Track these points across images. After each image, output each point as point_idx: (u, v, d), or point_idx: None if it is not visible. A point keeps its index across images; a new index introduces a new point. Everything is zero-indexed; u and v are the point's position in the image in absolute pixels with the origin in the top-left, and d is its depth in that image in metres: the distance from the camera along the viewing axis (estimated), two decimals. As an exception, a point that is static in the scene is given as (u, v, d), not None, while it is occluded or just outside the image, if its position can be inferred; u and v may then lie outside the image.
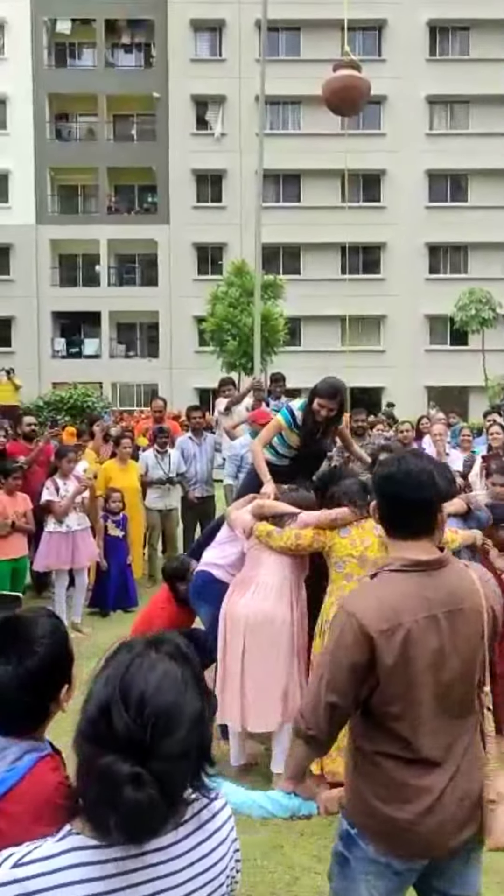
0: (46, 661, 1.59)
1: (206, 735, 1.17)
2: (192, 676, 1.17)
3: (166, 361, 32.76)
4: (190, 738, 1.11)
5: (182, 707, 1.12)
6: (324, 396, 4.71)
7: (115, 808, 1.05)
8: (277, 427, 4.84)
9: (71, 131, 34.92)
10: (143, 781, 1.06)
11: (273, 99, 28.18)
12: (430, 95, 32.24)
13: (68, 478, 7.06)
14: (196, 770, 1.16)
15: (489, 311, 25.76)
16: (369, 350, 31.71)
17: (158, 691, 1.11)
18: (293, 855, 3.64)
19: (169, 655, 1.17)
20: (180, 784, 1.12)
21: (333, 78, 5.92)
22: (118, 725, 1.08)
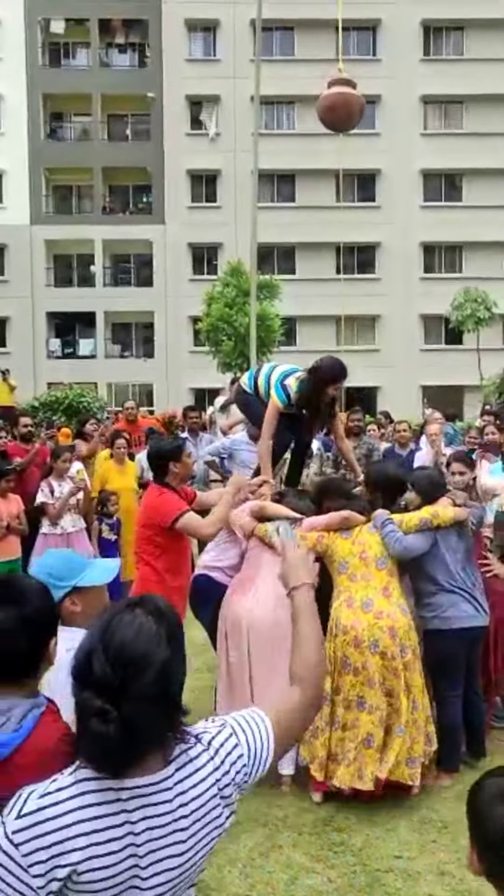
0: (39, 611, 1.78)
1: (175, 684, 1.36)
2: (167, 633, 1.35)
3: (162, 361, 32.74)
4: (159, 684, 1.30)
5: (153, 657, 1.31)
6: (334, 381, 4.72)
7: (84, 737, 1.29)
8: (277, 410, 4.79)
9: (65, 131, 34.87)
10: (108, 717, 1.26)
11: (268, 99, 28.19)
12: (425, 95, 32.28)
13: (63, 479, 7.05)
14: (169, 717, 1.34)
15: (484, 310, 25.79)
16: (365, 349, 31.73)
17: (133, 641, 1.31)
18: (292, 854, 3.65)
19: (148, 613, 1.36)
20: (148, 725, 1.29)
21: (326, 95, 5.92)
22: (96, 668, 1.29)
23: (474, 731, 4.46)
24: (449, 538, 4.31)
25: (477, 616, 4.27)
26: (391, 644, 3.96)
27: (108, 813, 1.29)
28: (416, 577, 4.37)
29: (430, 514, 4.26)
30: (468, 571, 4.34)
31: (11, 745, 1.64)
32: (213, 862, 3.58)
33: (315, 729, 4.00)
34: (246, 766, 1.44)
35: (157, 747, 1.35)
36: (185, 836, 1.34)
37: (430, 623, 4.28)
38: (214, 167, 32.33)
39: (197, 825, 1.36)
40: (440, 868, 3.51)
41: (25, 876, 1.26)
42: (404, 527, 4.21)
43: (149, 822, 1.31)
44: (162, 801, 1.32)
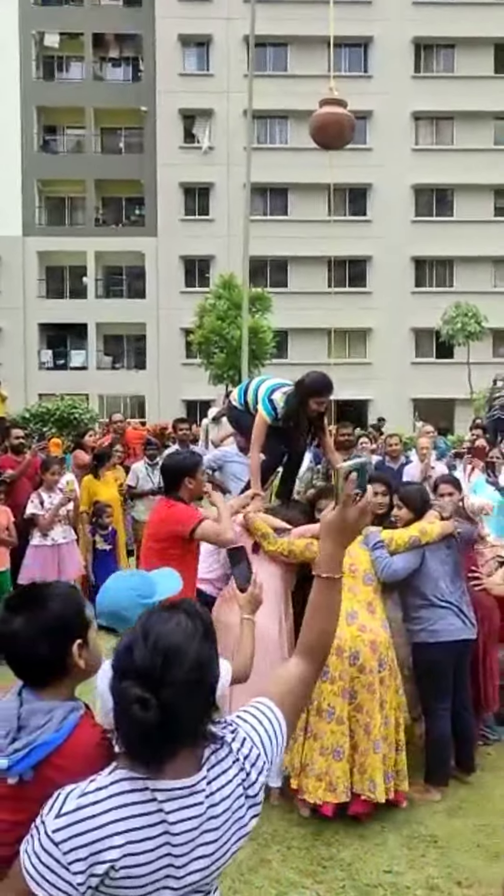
0: (59, 614, 1.79)
1: (210, 675, 1.42)
2: (202, 629, 1.43)
3: (153, 373, 32.76)
4: (194, 673, 1.37)
5: (189, 647, 1.38)
6: (322, 393, 4.72)
7: (126, 726, 1.34)
8: (264, 424, 4.81)
9: (59, 144, 34.99)
10: (148, 704, 1.31)
11: (260, 113, 28.42)
12: (416, 111, 32.58)
13: (53, 490, 7.04)
14: (205, 709, 1.41)
15: (475, 324, 25.94)
16: (356, 362, 31.86)
17: (171, 634, 1.39)
18: (280, 869, 3.63)
19: (184, 611, 1.45)
20: (186, 713, 1.35)
21: (317, 115, 5.97)
22: (136, 657, 1.36)
23: (463, 746, 4.45)
24: (437, 552, 4.32)
25: (465, 629, 4.28)
26: (371, 658, 3.96)
27: (144, 812, 1.35)
28: (404, 590, 4.38)
29: (419, 531, 4.28)
30: (456, 585, 4.35)
31: (53, 744, 1.68)
32: (201, 877, 3.55)
33: (296, 738, 3.99)
34: (265, 762, 1.50)
35: (191, 744, 1.40)
36: (215, 836, 1.40)
37: (418, 636, 4.28)
38: (207, 180, 32.49)
39: (225, 825, 1.42)
40: (429, 883, 3.50)
41: (66, 873, 1.31)
42: (393, 546, 4.22)
43: (185, 825, 1.36)
44: (195, 804, 1.37)
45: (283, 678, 1.63)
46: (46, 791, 1.43)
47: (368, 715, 3.93)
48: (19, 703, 1.73)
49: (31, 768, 1.64)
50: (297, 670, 1.63)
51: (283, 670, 1.66)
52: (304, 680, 1.62)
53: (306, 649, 1.64)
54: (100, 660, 1.87)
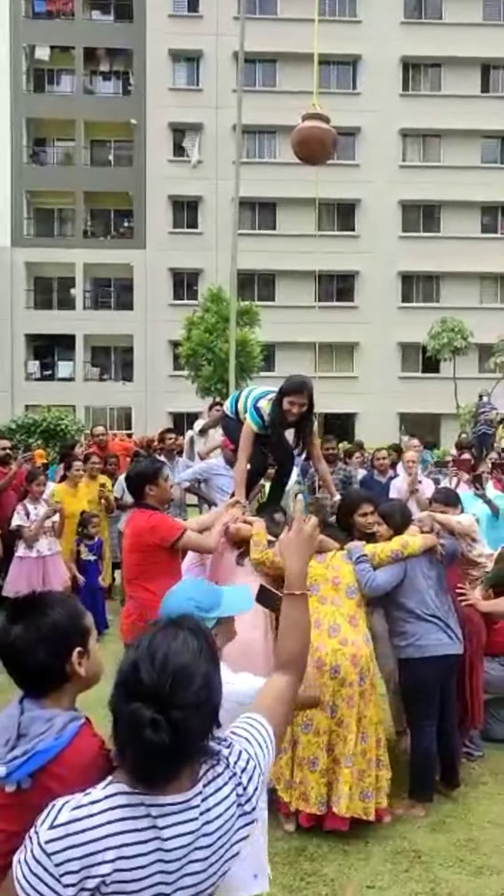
0: (57, 624, 1.78)
1: (216, 695, 1.42)
2: (206, 648, 1.44)
3: (141, 385, 32.74)
4: (202, 693, 1.37)
5: (196, 667, 1.38)
6: (292, 393, 4.71)
7: (136, 747, 1.32)
8: (251, 433, 4.82)
9: (48, 155, 35.08)
10: (160, 726, 1.31)
11: (249, 128, 28.64)
12: (404, 128, 32.93)
13: (38, 502, 7.01)
14: (208, 732, 1.41)
15: (461, 339, 26.13)
16: (343, 376, 31.99)
17: (178, 653, 1.38)
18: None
19: (188, 629, 1.45)
20: (194, 733, 1.36)
21: (300, 129, 6.00)
22: (144, 678, 1.35)
23: (448, 761, 4.45)
24: (420, 566, 4.33)
25: (451, 644, 4.27)
26: (351, 672, 3.96)
27: (137, 828, 1.34)
28: (390, 605, 4.38)
29: (400, 545, 4.29)
30: (441, 599, 4.35)
31: (52, 752, 1.67)
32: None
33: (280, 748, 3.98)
34: (260, 773, 1.52)
35: (194, 761, 1.42)
36: (208, 853, 1.40)
37: (405, 651, 4.27)
38: (196, 194, 32.65)
39: (219, 841, 1.42)
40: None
41: (57, 885, 1.31)
42: (376, 560, 4.23)
43: (179, 840, 1.36)
44: (190, 819, 1.37)
45: (268, 692, 1.67)
46: (44, 800, 1.43)
47: (347, 729, 3.93)
48: (20, 711, 1.72)
49: (29, 776, 1.62)
50: (279, 684, 1.68)
51: (267, 685, 1.70)
52: (286, 692, 1.66)
53: (285, 663, 1.70)
54: (101, 668, 1.86)
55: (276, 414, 4.74)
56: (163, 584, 4.18)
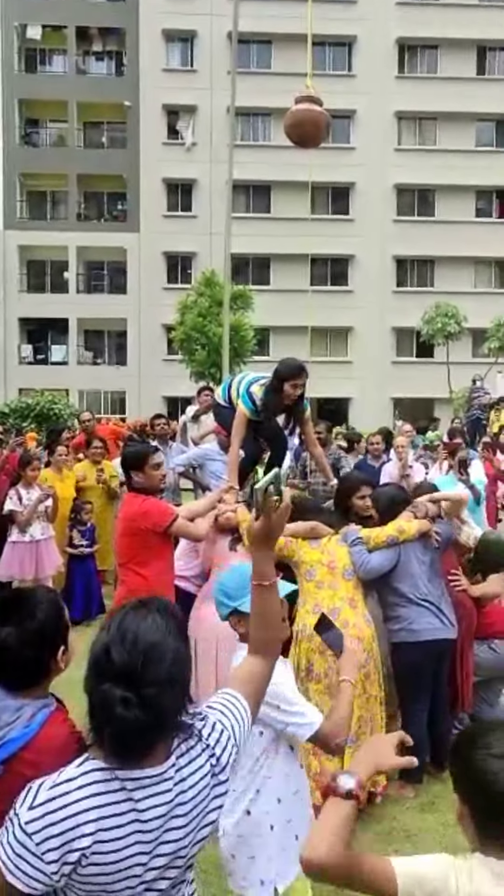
0: (44, 624, 1.86)
1: (186, 671, 1.49)
2: (175, 626, 1.49)
3: (134, 369, 32.65)
4: (173, 669, 1.43)
5: (166, 645, 1.44)
6: (293, 377, 4.73)
7: (110, 725, 1.38)
8: (244, 418, 4.83)
9: (41, 137, 34.76)
10: (130, 703, 1.37)
11: (244, 110, 28.41)
12: (399, 111, 32.71)
13: (32, 487, 7.00)
14: (180, 707, 1.47)
15: (455, 324, 26.11)
16: (337, 361, 31.96)
17: (147, 632, 1.43)
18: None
19: (156, 609, 1.50)
20: (168, 709, 1.42)
21: (293, 112, 5.95)
22: (116, 658, 1.40)
23: (438, 744, 4.50)
24: (414, 550, 4.35)
25: (444, 629, 4.31)
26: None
27: (113, 801, 1.40)
28: (383, 589, 4.41)
29: (396, 530, 4.31)
30: (434, 584, 4.38)
31: (21, 740, 1.73)
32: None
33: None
34: (235, 746, 1.58)
35: (168, 736, 1.47)
36: (184, 821, 1.45)
37: (398, 635, 4.31)
38: (190, 177, 32.43)
39: (194, 811, 1.47)
40: None
41: (40, 863, 1.36)
42: (371, 544, 4.25)
43: (154, 811, 1.41)
44: (164, 791, 1.43)
45: (241, 674, 1.75)
46: (18, 786, 1.46)
47: (353, 709, 3.96)
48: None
49: (1, 763, 1.68)
50: (251, 667, 1.74)
51: (240, 668, 1.78)
52: (260, 675, 1.73)
53: (258, 647, 1.76)
54: (73, 654, 1.95)
55: (272, 399, 4.75)
56: (155, 569, 4.23)
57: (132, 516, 4.22)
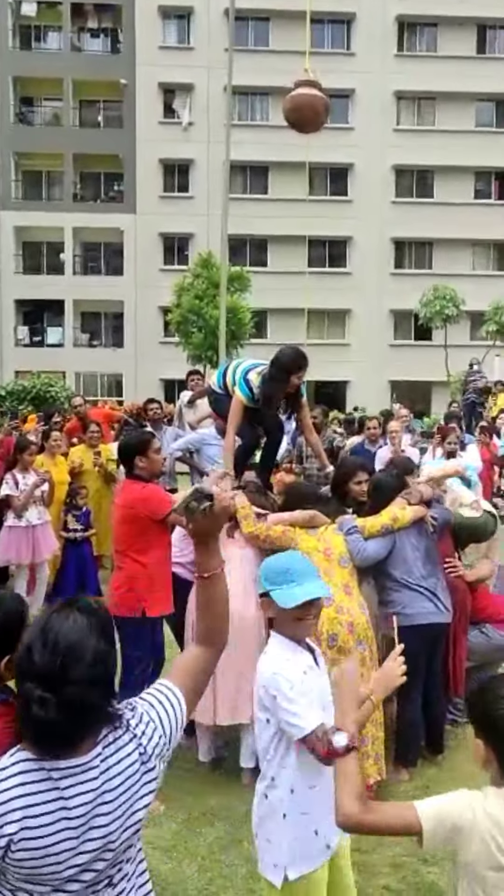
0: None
1: (110, 670, 1.53)
2: (98, 626, 1.52)
3: (131, 351, 32.54)
4: (95, 669, 1.46)
5: (87, 645, 1.47)
6: (297, 369, 4.73)
7: (28, 723, 1.44)
8: (241, 405, 4.81)
9: (36, 115, 34.38)
10: (48, 703, 1.41)
11: (241, 89, 28.12)
12: (398, 91, 32.38)
13: (28, 472, 6.99)
14: (105, 700, 1.51)
15: (453, 307, 26.03)
16: (334, 343, 31.87)
17: (68, 633, 1.47)
18: (252, 849, 3.65)
19: (80, 610, 1.53)
20: (89, 706, 1.46)
21: (292, 96, 5.89)
22: (36, 659, 1.44)
23: (433, 728, 4.53)
24: (409, 536, 4.36)
25: (438, 613, 4.33)
26: (349, 639, 4.02)
27: (39, 790, 1.45)
28: (378, 575, 4.43)
29: (391, 518, 4.33)
30: (429, 569, 4.40)
31: None
32: (172, 856, 3.61)
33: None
34: (163, 737, 1.62)
35: (94, 729, 1.52)
36: (111, 808, 1.50)
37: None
38: (187, 157, 32.13)
39: (122, 798, 1.53)
40: (396, 861, 3.58)
41: None
42: (366, 532, 4.27)
43: (81, 798, 1.47)
44: (90, 780, 1.48)
45: (182, 664, 1.79)
46: None
47: None
48: None
49: None
50: (195, 656, 1.79)
51: (182, 658, 1.83)
52: (202, 664, 1.79)
53: (203, 638, 1.80)
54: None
55: (275, 390, 4.73)
56: (153, 556, 4.23)
57: (131, 503, 4.22)
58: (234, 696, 4.19)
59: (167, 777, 4.43)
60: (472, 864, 1.71)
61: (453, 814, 1.71)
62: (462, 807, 1.72)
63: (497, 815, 1.68)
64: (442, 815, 1.71)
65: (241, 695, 4.18)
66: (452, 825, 1.70)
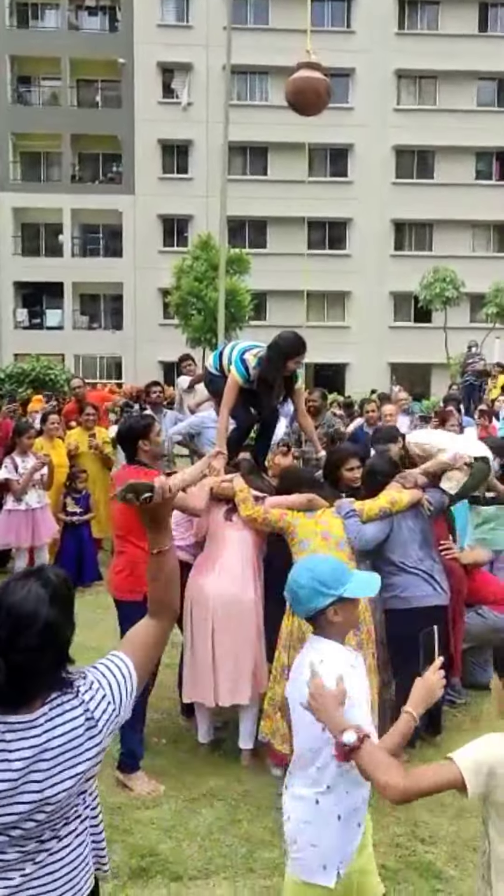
0: None
1: (60, 639, 1.61)
2: (53, 596, 1.60)
3: (130, 334, 32.44)
4: (42, 637, 1.56)
5: (38, 614, 1.56)
6: (295, 354, 4.73)
7: None
8: (236, 385, 4.80)
9: (33, 95, 34.07)
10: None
11: (240, 69, 27.84)
12: (399, 69, 32.05)
13: (27, 455, 6.99)
14: (55, 666, 1.61)
15: (453, 289, 25.92)
16: (334, 326, 31.77)
17: (22, 602, 1.57)
18: (250, 829, 3.72)
19: (37, 580, 1.62)
20: (36, 672, 1.57)
21: (294, 79, 5.84)
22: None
23: (431, 709, 4.55)
24: (405, 519, 4.37)
25: (437, 595, 4.35)
26: None
27: None
28: (375, 558, 4.44)
29: (388, 501, 4.33)
30: (426, 552, 4.41)
31: None
32: (172, 836, 3.65)
33: (275, 704, 4.07)
34: (111, 705, 1.69)
35: (42, 693, 1.61)
36: (49, 764, 1.58)
37: (390, 603, 4.35)
38: (186, 137, 31.87)
39: (61, 758, 1.59)
40: (394, 840, 3.61)
41: None
42: (364, 516, 4.28)
43: (22, 753, 1.55)
44: (32, 736, 1.57)
45: (133, 636, 1.84)
46: None
47: None
48: None
49: None
50: (146, 629, 1.85)
51: (134, 631, 1.87)
52: (154, 637, 1.84)
53: (153, 610, 1.85)
54: None
55: (271, 373, 4.72)
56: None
57: None
58: (234, 677, 4.22)
59: (167, 758, 4.49)
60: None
61: (490, 759, 1.83)
62: (496, 751, 1.84)
63: None
64: (479, 762, 1.83)
65: (240, 676, 4.21)
66: (489, 770, 1.81)
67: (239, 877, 3.36)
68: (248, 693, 4.25)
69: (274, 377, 4.75)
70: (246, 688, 4.24)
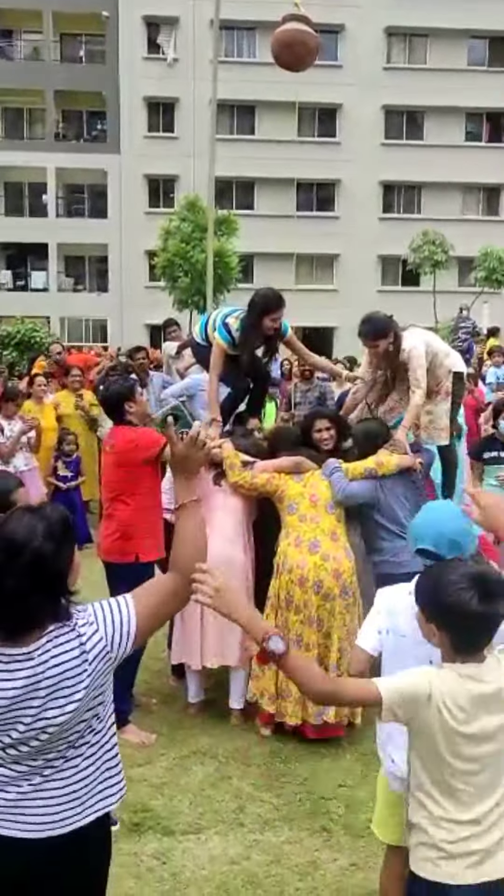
0: None
1: (52, 570, 1.69)
2: (47, 529, 1.69)
3: (116, 296, 32.07)
4: (33, 565, 1.65)
5: (30, 544, 1.66)
6: (274, 310, 4.70)
7: None
8: (221, 351, 4.80)
9: (15, 49, 33.16)
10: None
11: (228, 24, 27.16)
12: (389, 27, 31.40)
13: (13, 419, 6.97)
14: (46, 599, 1.69)
15: (441, 253, 25.75)
16: (322, 289, 31.54)
17: (13, 532, 1.68)
18: (240, 785, 3.80)
19: (35, 513, 1.73)
20: (26, 599, 1.66)
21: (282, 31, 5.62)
22: None
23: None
24: (397, 485, 4.39)
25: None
26: (334, 585, 4.09)
27: None
28: (366, 525, 4.46)
29: (375, 463, 4.36)
30: (417, 515, 4.44)
31: None
32: (164, 792, 3.72)
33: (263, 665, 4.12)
34: (103, 640, 1.75)
35: (37, 622, 1.69)
36: (45, 693, 1.66)
37: (382, 567, 4.36)
38: (172, 95, 31.17)
39: (56, 688, 1.67)
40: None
41: None
42: (350, 475, 4.31)
43: (15, 683, 1.65)
44: (28, 667, 1.66)
45: (150, 586, 1.93)
46: None
47: (334, 641, 4.07)
48: None
49: None
50: (159, 581, 1.97)
51: (153, 581, 1.99)
52: (165, 590, 1.91)
53: (179, 565, 1.91)
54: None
55: (250, 335, 4.70)
56: (142, 502, 4.26)
57: (125, 448, 4.25)
58: (222, 639, 4.26)
59: (158, 717, 4.55)
60: (427, 727, 1.93)
61: (412, 686, 1.95)
62: (419, 680, 1.95)
63: (449, 685, 1.92)
64: (401, 687, 1.94)
65: (229, 637, 4.25)
66: (411, 695, 1.92)
67: (229, 831, 3.45)
68: (236, 655, 4.30)
69: (253, 337, 4.73)
70: (234, 650, 4.29)
